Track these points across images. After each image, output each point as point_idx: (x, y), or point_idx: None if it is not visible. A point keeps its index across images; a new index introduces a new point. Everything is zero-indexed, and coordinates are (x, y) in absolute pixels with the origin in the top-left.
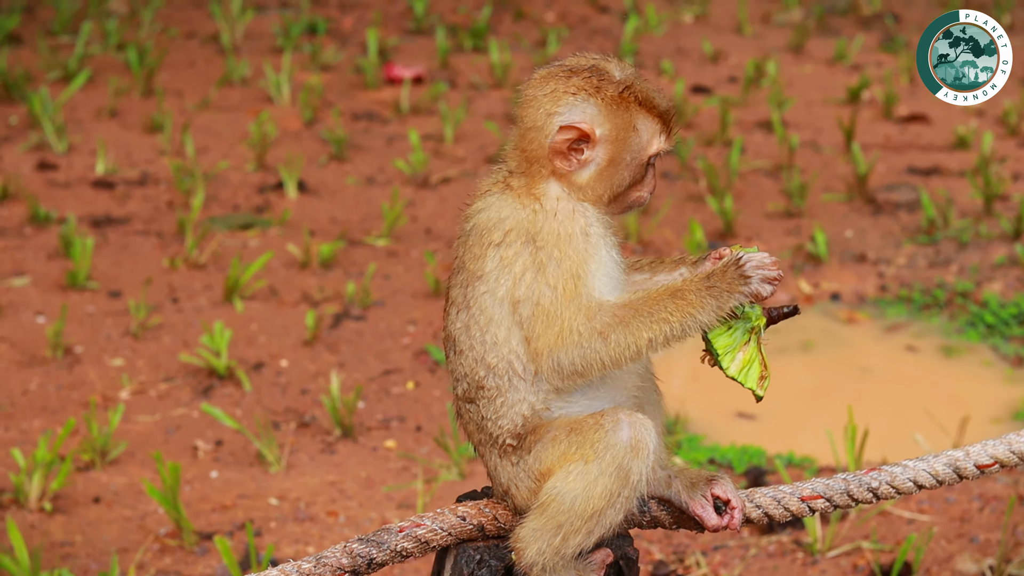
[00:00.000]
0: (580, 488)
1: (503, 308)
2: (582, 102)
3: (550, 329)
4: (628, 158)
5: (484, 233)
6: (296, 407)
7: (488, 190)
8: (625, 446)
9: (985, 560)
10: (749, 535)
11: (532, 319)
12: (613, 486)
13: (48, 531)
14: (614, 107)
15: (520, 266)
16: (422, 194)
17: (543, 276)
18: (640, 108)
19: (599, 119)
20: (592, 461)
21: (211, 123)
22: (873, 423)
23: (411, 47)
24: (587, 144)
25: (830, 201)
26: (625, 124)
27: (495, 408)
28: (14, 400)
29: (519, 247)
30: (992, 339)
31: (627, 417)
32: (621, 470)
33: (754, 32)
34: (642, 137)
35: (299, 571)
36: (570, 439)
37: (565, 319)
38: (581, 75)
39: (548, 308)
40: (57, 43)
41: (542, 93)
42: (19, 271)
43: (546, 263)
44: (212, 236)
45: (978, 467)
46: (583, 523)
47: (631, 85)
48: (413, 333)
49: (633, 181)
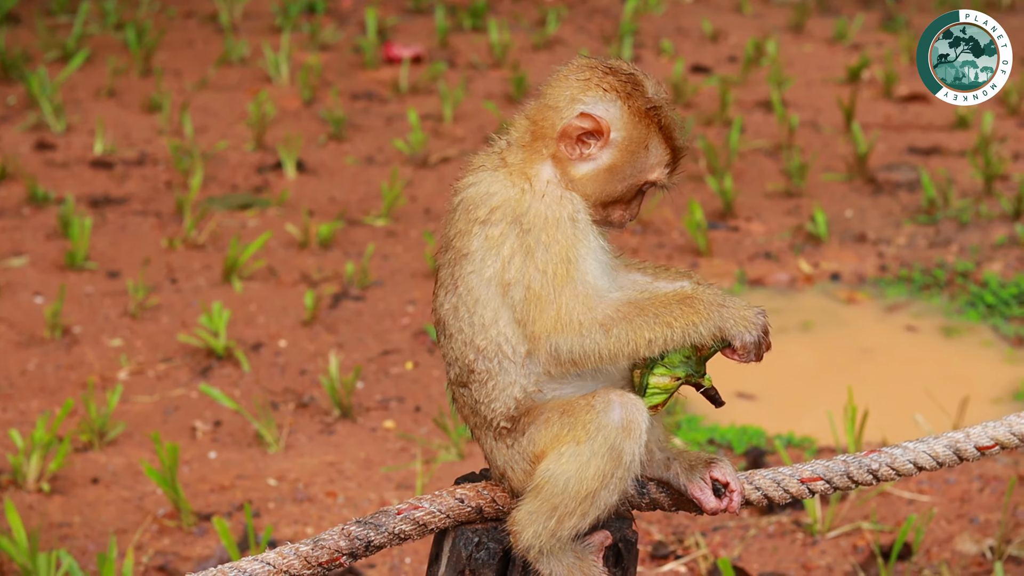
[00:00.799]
0: (573, 470)
1: (490, 289)
2: (610, 101)
3: (545, 313)
4: (627, 172)
5: (470, 208)
6: (295, 387)
7: (481, 165)
8: (616, 426)
9: (985, 541)
10: (749, 515)
11: (525, 303)
12: (606, 467)
13: (46, 512)
14: (636, 119)
15: (508, 249)
16: (421, 174)
17: (532, 260)
18: (659, 132)
19: (618, 123)
20: (584, 442)
21: (210, 103)
22: (873, 403)
23: (410, 27)
24: (597, 141)
25: (830, 181)
26: (639, 139)
27: (487, 391)
28: (12, 381)
29: (505, 227)
30: (992, 319)
31: (618, 397)
32: (613, 451)
33: (754, 11)
34: (649, 159)
35: (297, 553)
36: (562, 421)
37: (561, 304)
38: (619, 76)
39: (540, 292)
40: (55, 23)
41: (575, 78)
42: (17, 251)
43: (534, 247)
44: (211, 216)
45: (979, 449)
46: (577, 505)
47: (660, 107)
48: (412, 313)
49: (621, 197)
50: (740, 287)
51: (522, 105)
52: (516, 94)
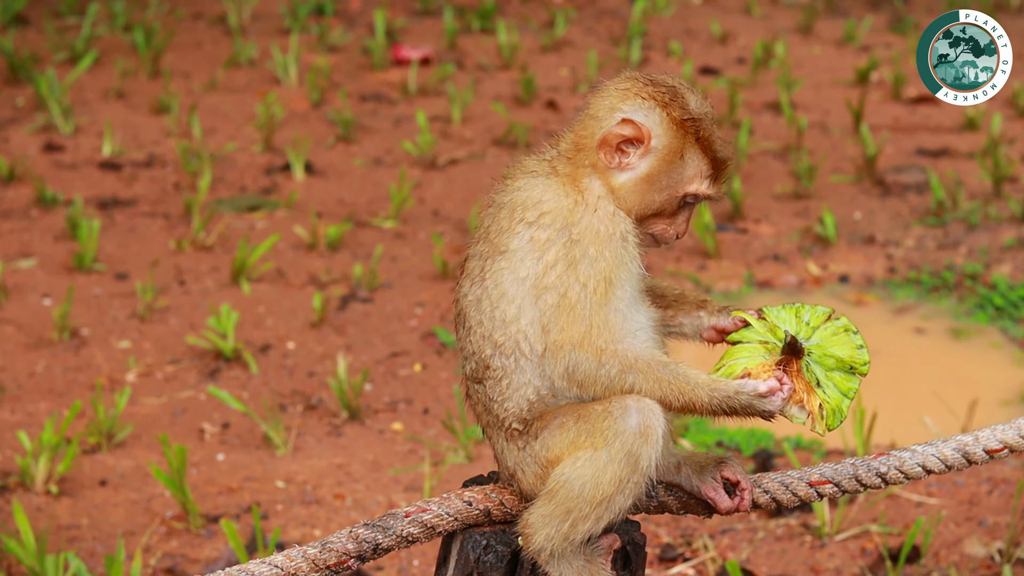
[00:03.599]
0: (590, 475)
1: (522, 288)
2: (649, 109)
3: (575, 326)
4: (665, 182)
5: (518, 209)
6: (303, 389)
7: (533, 170)
8: (634, 432)
9: (994, 543)
10: (757, 518)
11: (557, 310)
12: (623, 472)
13: (54, 514)
14: (674, 127)
15: (553, 255)
16: (429, 176)
17: (574, 271)
18: (696, 143)
19: (657, 130)
20: (601, 448)
21: (218, 104)
22: (882, 406)
23: (419, 28)
24: (636, 149)
25: (839, 183)
26: (676, 148)
27: (501, 390)
28: (20, 382)
29: (553, 233)
30: (1001, 321)
31: (635, 403)
32: (631, 456)
33: (763, 13)
34: (686, 169)
35: (305, 556)
36: (578, 426)
37: (593, 324)
38: (659, 88)
39: (575, 304)
40: (64, 24)
41: (616, 89)
42: (26, 253)
43: (579, 259)
44: (219, 218)
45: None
46: (592, 509)
47: (699, 120)
48: (420, 315)
49: (662, 210)
50: (748, 289)
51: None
52: (525, 96)
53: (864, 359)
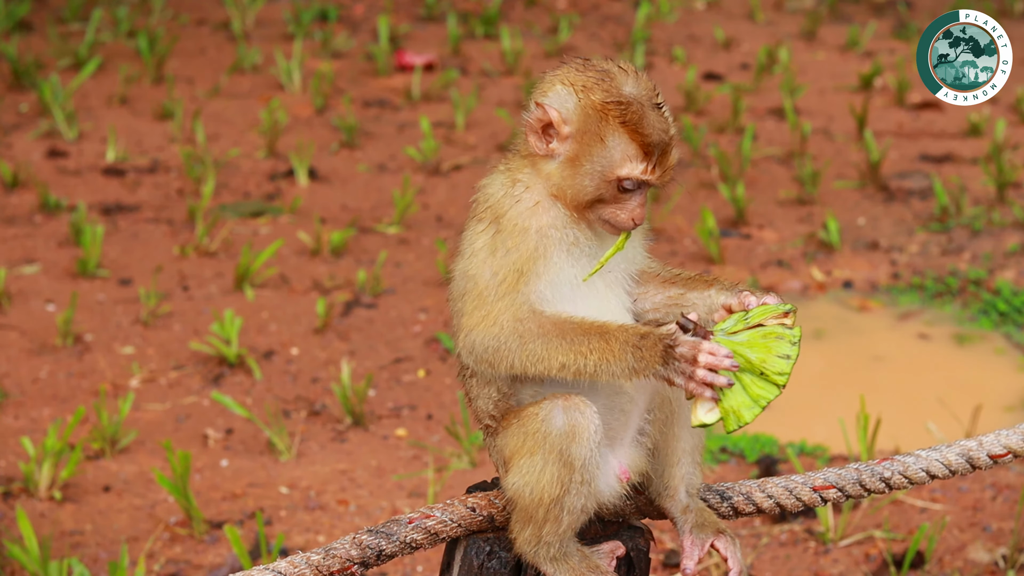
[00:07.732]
0: (532, 479)
1: (463, 282)
2: (566, 95)
3: (478, 311)
4: (589, 167)
5: (472, 208)
6: (307, 395)
7: (497, 168)
8: (561, 432)
9: (998, 549)
10: (761, 524)
11: (465, 294)
12: (561, 473)
13: (58, 520)
14: (589, 112)
15: (480, 243)
16: (433, 181)
17: (491, 259)
18: (621, 127)
19: (571, 115)
20: (537, 452)
21: (222, 110)
22: (885, 411)
23: (422, 34)
24: (555, 134)
25: (842, 188)
26: (593, 132)
27: (472, 387)
28: (24, 388)
29: (487, 225)
30: (1005, 327)
31: (563, 402)
32: (563, 456)
33: (766, 19)
34: (610, 153)
35: (308, 562)
36: (518, 430)
37: (495, 309)
38: (586, 73)
39: (482, 291)
40: (67, 30)
41: (549, 76)
42: (29, 259)
43: (498, 248)
44: (223, 224)
45: (991, 457)
46: (546, 512)
47: (625, 103)
48: (424, 321)
49: (600, 195)
50: None
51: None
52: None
53: (779, 369)
